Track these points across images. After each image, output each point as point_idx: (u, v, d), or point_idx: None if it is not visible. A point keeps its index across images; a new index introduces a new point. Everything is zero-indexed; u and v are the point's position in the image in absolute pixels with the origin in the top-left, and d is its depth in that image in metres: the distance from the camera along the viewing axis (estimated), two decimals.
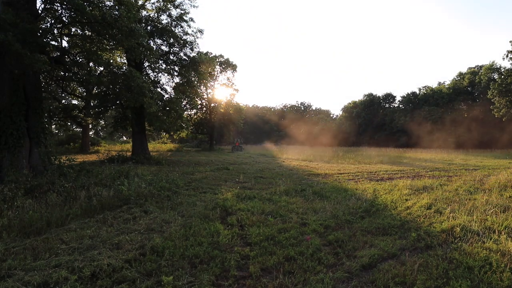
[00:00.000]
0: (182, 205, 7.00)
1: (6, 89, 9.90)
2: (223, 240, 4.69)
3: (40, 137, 11.07)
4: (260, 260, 4.03)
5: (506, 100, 35.98)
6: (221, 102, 44.61)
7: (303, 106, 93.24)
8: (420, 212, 6.37)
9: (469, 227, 5.23)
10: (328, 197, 7.85)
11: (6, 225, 5.12)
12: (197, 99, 36.55)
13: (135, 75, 13.91)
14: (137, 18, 15.51)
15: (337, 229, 5.37)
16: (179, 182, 9.80)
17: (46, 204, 6.27)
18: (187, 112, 37.62)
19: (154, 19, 20.95)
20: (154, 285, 3.40)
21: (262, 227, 5.25)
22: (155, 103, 18.16)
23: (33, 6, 10.71)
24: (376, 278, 3.57)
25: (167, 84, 36.85)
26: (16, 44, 8.45)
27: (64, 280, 3.42)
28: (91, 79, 13.78)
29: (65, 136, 38.42)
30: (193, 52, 22.86)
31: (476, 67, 54.01)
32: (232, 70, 44.27)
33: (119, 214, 6.13)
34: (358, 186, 9.80)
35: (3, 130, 9.70)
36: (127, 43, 11.98)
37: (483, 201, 7.09)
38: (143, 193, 7.52)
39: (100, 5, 11.07)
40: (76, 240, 4.65)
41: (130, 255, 4.07)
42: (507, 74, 36.29)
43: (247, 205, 6.83)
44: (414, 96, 60.55)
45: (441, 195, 7.92)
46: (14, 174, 8.76)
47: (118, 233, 5.03)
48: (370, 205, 6.90)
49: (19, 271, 3.65)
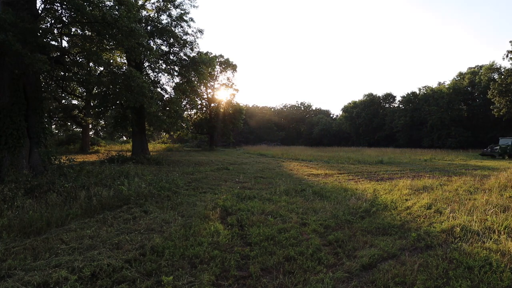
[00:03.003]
0: (182, 205, 7.00)
1: (6, 89, 9.89)
2: (223, 240, 4.69)
3: (40, 137, 11.07)
4: (260, 260, 4.03)
5: (506, 100, 35.95)
6: (221, 102, 44.63)
7: (303, 106, 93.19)
8: (420, 212, 6.37)
9: (469, 227, 5.23)
10: (328, 197, 7.85)
11: (6, 225, 5.12)
12: (197, 99, 36.58)
13: (135, 75, 13.91)
14: (137, 18, 15.50)
15: (337, 229, 5.37)
16: (179, 182, 9.80)
17: (46, 204, 6.27)
18: (187, 112, 37.66)
19: (154, 19, 20.96)
20: (154, 285, 3.40)
21: (262, 227, 5.25)
22: (155, 103, 18.18)
23: (33, 6, 10.71)
24: (376, 278, 3.57)
25: (167, 84, 36.94)
26: (16, 44, 8.44)
27: (64, 280, 3.41)
28: (91, 79, 13.78)
29: (65, 136, 38.41)
30: (193, 52, 22.89)
31: (476, 67, 53.97)
32: (232, 70, 44.31)
33: (119, 214, 6.13)
34: (358, 186, 9.80)
35: (3, 130, 9.70)
36: (127, 43, 11.97)
37: (483, 201, 7.09)
38: (143, 193, 7.53)
39: (100, 5, 11.06)
40: (76, 240, 4.65)
41: (130, 255, 4.07)
42: (507, 74, 36.27)
43: (247, 205, 6.83)
44: (414, 96, 60.51)
45: (441, 195, 7.91)
46: (14, 174, 8.75)
47: (118, 233, 5.03)
48: (370, 205, 6.91)
49: (19, 271, 3.64)
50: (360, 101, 70.77)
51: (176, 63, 22.50)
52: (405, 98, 61.70)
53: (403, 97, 62.73)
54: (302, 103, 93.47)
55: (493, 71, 46.42)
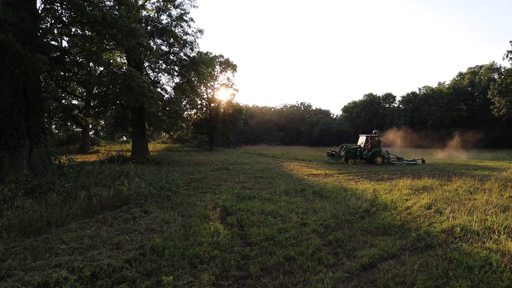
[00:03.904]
0: (182, 205, 7.00)
1: (6, 89, 9.90)
2: (223, 240, 4.69)
3: (40, 137, 11.07)
4: (260, 260, 4.03)
5: (506, 100, 35.96)
6: (221, 102, 44.61)
7: (303, 106, 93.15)
8: (420, 212, 6.37)
9: (469, 227, 5.23)
10: (328, 197, 7.85)
11: (6, 225, 5.12)
12: (197, 99, 36.55)
13: (135, 75, 13.91)
14: (137, 18, 15.51)
15: (337, 229, 5.37)
16: (179, 182, 9.80)
17: (46, 204, 6.27)
18: (187, 112, 37.60)
19: (154, 19, 20.96)
20: (154, 285, 3.40)
21: (262, 227, 5.25)
22: (155, 103, 18.18)
23: (33, 6, 10.71)
24: (376, 278, 3.57)
25: (167, 84, 36.92)
26: (16, 44, 8.44)
27: (64, 280, 3.41)
28: (91, 79, 13.79)
29: (65, 136, 38.40)
30: (193, 52, 22.88)
31: (476, 67, 53.95)
32: (232, 70, 44.27)
33: (119, 214, 6.14)
34: (358, 186, 9.80)
35: (3, 130, 9.70)
36: (127, 43, 11.97)
37: (483, 201, 7.09)
38: (143, 193, 7.52)
39: (100, 5, 11.07)
40: (76, 240, 4.65)
41: (130, 255, 4.07)
42: (507, 74, 36.28)
43: (247, 205, 6.83)
44: (414, 96, 60.49)
45: (441, 195, 7.91)
46: (14, 174, 8.75)
47: (118, 233, 5.03)
48: (370, 205, 6.91)
49: (19, 271, 3.64)
50: (360, 101, 70.72)
51: (176, 63, 22.50)
52: (405, 98, 61.68)
53: (403, 97, 62.70)
54: (302, 103, 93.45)
55: (493, 71, 46.42)
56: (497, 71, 45.66)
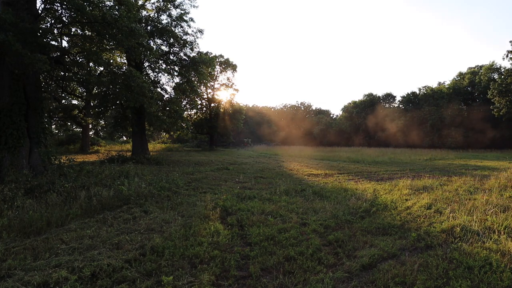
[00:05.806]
0: (182, 205, 7.00)
1: (6, 89, 9.90)
2: (223, 240, 4.69)
3: (40, 137, 11.07)
4: (260, 260, 4.03)
5: (506, 100, 35.95)
6: (221, 102, 44.63)
7: (303, 106, 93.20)
8: (420, 212, 6.37)
9: (469, 227, 5.23)
10: (328, 197, 7.85)
11: (6, 225, 5.12)
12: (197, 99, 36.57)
13: (135, 75, 13.92)
14: (137, 18, 15.51)
15: (337, 229, 5.37)
16: (179, 182, 9.80)
17: (46, 204, 6.27)
18: (187, 112, 37.61)
19: (154, 19, 20.97)
20: (154, 285, 3.40)
21: (262, 227, 5.25)
22: (155, 103, 18.19)
23: (33, 6, 10.71)
24: (376, 278, 3.57)
25: (167, 84, 36.98)
26: (16, 44, 8.45)
27: (64, 280, 3.41)
28: (91, 79, 13.78)
29: (65, 136, 38.41)
30: (193, 52, 22.90)
31: (476, 67, 53.94)
32: (232, 70, 44.29)
33: (119, 214, 6.13)
34: (358, 186, 9.80)
35: (3, 130, 9.70)
36: (127, 43, 11.98)
37: (483, 201, 7.09)
38: (143, 193, 7.53)
39: (100, 5, 11.07)
40: (76, 240, 4.65)
41: (130, 255, 4.07)
42: (507, 74, 36.27)
43: (247, 205, 6.83)
44: (414, 96, 60.47)
45: (441, 195, 7.91)
46: (14, 174, 8.75)
47: (118, 233, 5.03)
48: (370, 205, 6.90)
49: (19, 271, 3.64)
50: (360, 101, 70.70)
51: (176, 63, 22.51)
52: (405, 98, 61.68)
53: (403, 97, 62.70)
54: (302, 103, 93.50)
55: (493, 71, 46.41)
56: (497, 71, 45.67)
